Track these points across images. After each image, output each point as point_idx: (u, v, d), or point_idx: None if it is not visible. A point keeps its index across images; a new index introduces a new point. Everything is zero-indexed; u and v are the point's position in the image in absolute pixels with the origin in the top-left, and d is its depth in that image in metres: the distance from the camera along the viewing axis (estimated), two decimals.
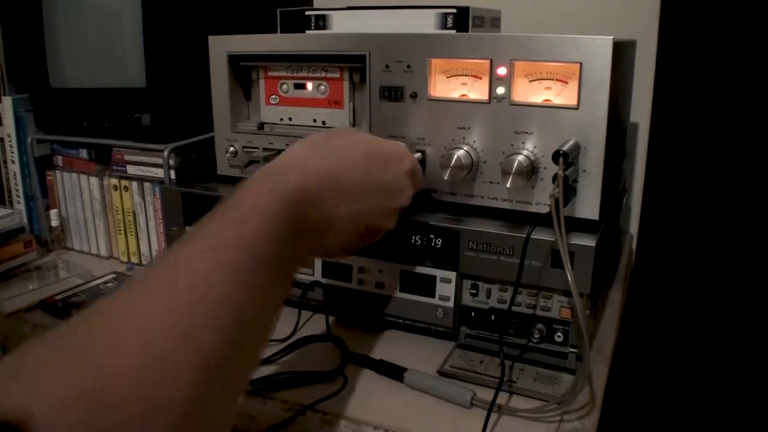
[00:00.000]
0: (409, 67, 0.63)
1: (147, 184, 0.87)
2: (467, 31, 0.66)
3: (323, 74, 0.70)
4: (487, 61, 0.60)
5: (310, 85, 0.72)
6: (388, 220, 0.55)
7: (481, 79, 0.61)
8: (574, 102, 0.57)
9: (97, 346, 0.29)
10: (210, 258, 0.36)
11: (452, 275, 0.63)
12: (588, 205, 0.59)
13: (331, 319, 0.67)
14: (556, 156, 0.54)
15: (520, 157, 0.58)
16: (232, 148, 0.76)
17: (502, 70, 0.59)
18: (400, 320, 0.67)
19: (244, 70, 0.75)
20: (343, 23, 0.73)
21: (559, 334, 0.60)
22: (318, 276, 0.70)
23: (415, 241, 0.64)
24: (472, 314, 0.63)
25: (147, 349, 0.30)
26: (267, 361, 0.62)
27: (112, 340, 0.30)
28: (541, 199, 0.60)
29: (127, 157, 0.88)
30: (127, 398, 0.28)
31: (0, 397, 0.26)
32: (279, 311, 0.43)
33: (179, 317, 0.32)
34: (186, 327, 0.32)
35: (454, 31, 0.67)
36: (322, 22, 0.74)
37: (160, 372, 0.30)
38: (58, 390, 0.27)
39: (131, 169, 0.88)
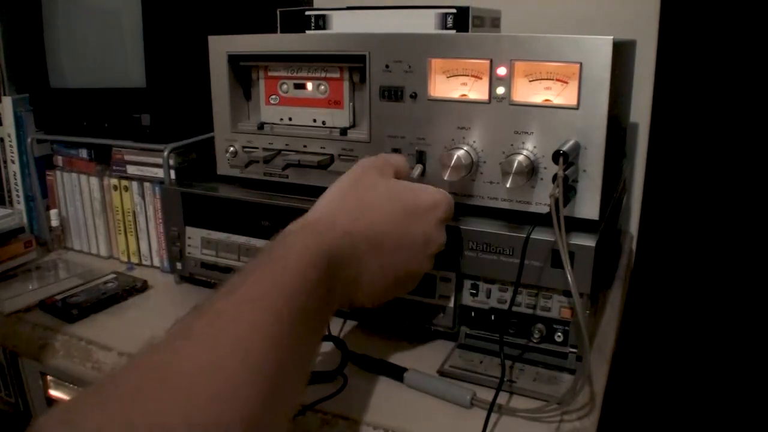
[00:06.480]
0: (409, 67, 0.63)
1: (147, 184, 0.87)
2: (467, 31, 0.66)
3: (323, 74, 0.70)
4: (487, 61, 0.60)
5: (310, 85, 0.72)
6: (425, 266, 0.56)
7: (481, 79, 0.60)
8: (574, 102, 0.57)
9: (146, 395, 0.31)
10: (250, 309, 0.37)
11: (452, 275, 0.63)
12: (588, 205, 0.59)
13: (333, 320, 0.67)
14: (556, 156, 0.54)
15: (520, 157, 0.58)
16: (232, 148, 0.76)
17: (502, 70, 0.59)
18: (400, 320, 0.67)
19: (244, 70, 0.75)
20: (343, 23, 0.73)
21: (559, 334, 0.60)
22: None
23: None
24: (472, 314, 0.63)
25: (195, 403, 0.31)
26: None
27: (161, 391, 0.31)
28: (541, 199, 0.60)
29: (127, 157, 0.88)
30: None
31: None
32: (315, 357, 0.45)
33: (226, 370, 0.33)
34: (232, 379, 0.33)
35: (454, 31, 0.66)
36: (322, 22, 0.74)
37: (208, 425, 0.31)
38: None
39: (131, 169, 0.88)
